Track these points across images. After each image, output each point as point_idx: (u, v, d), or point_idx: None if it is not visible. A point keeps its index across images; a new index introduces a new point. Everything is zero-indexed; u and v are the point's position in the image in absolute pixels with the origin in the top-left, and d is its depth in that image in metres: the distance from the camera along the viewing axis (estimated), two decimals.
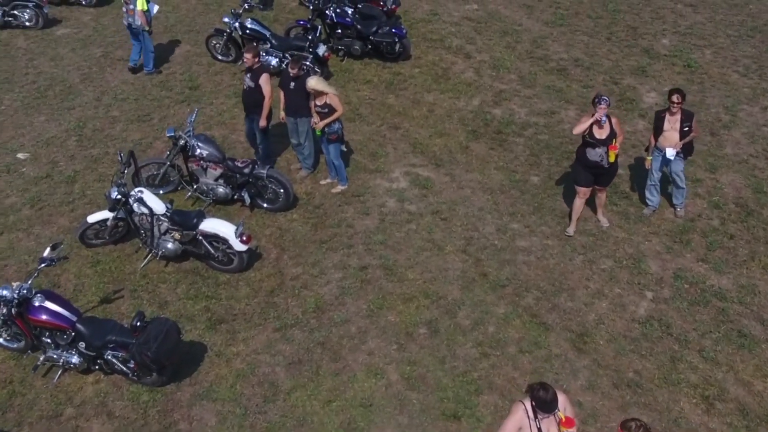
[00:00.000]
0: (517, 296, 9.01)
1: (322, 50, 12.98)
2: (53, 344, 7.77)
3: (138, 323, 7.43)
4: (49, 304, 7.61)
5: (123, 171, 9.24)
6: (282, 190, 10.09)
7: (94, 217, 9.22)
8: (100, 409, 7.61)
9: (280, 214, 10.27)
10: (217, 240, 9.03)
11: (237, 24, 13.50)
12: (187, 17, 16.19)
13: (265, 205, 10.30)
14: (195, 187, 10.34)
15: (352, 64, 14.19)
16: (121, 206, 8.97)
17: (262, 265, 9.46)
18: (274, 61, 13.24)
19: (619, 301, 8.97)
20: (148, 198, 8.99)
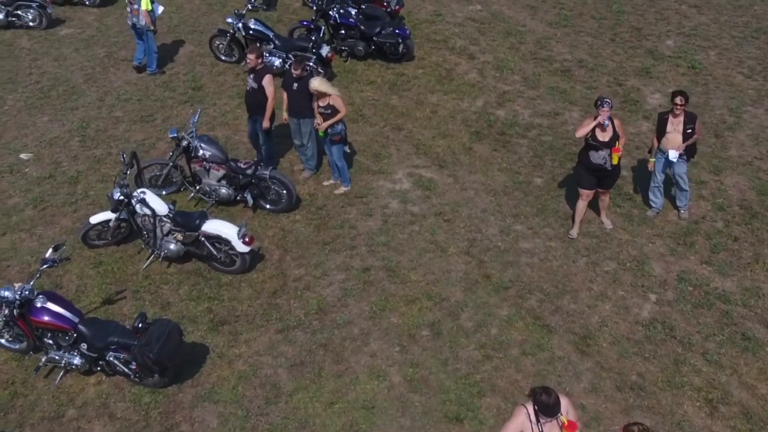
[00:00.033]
0: (520, 298, 8.99)
1: (325, 51, 12.99)
2: (55, 345, 7.76)
3: (140, 325, 7.42)
4: (50, 306, 7.60)
5: (125, 172, 9.23)
6: (285, 191, 10.08)
7: (97, 218, 9.22)
8: (101, 410, 7.60)
9: (283, 215, 10.26)
10: (220, 241, 9.02)
11: (240, 24, 13.50)
12: (191, 17, 16.20)
13: (267, 206, 10.28)
14: (198, 188, 10.33)
15: (356, 64, 14.18)
16: (124, 207, 8.97)
17: (264, 267, 9.45)
18: (278, 62, 13.24)
19: (622, 304, 8.93)
20: (151, 199, 9.00)
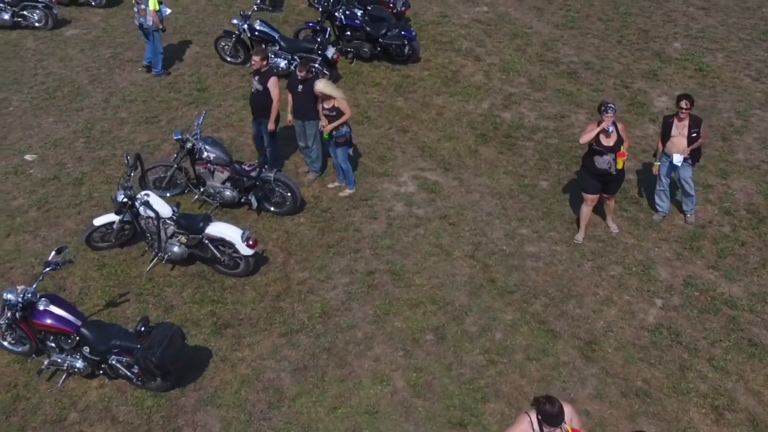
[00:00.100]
0: (525, 303, 8.93)
1: (331, 52, 12.95)
2: (57, 348, 7.75)
3: (142, 328, 7.40)
4: (53, 308, 7.59)
5: (129, 174, 9.21)
6: (289, 194, 10.04)
7: (101, 220, 9.21)
8: (104, 413, 7.58)
9: (287, 217, 10.23)
10: (224, 244, 8.99)
11: (246, 26, 13.47)
12: (197, 18, 16.18)
13: (272, 209, 10.26)
14: (202, 190, 10.31)
15: (361, 66, 14.14)
16: (128, 209, 8.96)
17: (268, 270, 9.42)
18: (283, 63, 13.22)
19: (628, 309, 8.87)
20: (155, 201, 8.98)
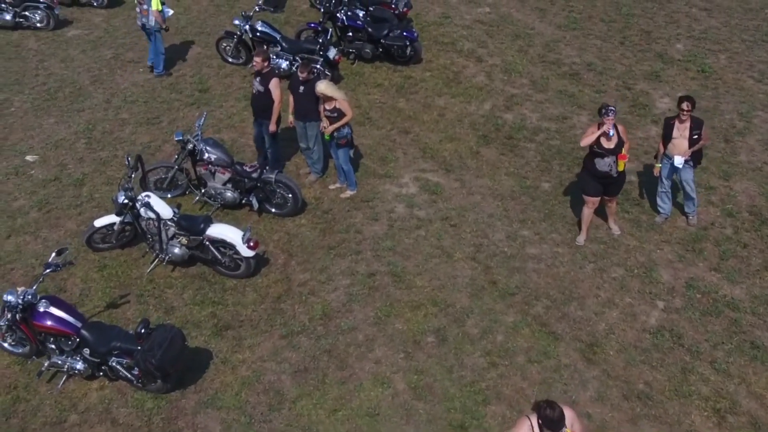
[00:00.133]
0: (527, 305, 8.91)
1: (332, 53, 12.94)
2: (58, 350, 7.74)
3: (143, 330, 7.38)
4: (53, 310, 7.58)
5: (130, 175, 9.19)
6: (290, 195, 10.03)
7: (101, 222, 9.20)
8: (104, 415, 7.56)
9: (288, 219, 10.21)
10: (225, 245, 8.98)
11: (247, 26, 13.47)
12: (198, 19, 16.19)
13: (273, 210, 10.24)
14: (203, 191, 10.30)
15: (363, 67, 14.13)
16: (128, 210, 8.95)
17: (269, 271, 9.40)
18: (285, 64, 13.20)
19: (629, 311, 8.84)
20: (155, 202, 8.97)
